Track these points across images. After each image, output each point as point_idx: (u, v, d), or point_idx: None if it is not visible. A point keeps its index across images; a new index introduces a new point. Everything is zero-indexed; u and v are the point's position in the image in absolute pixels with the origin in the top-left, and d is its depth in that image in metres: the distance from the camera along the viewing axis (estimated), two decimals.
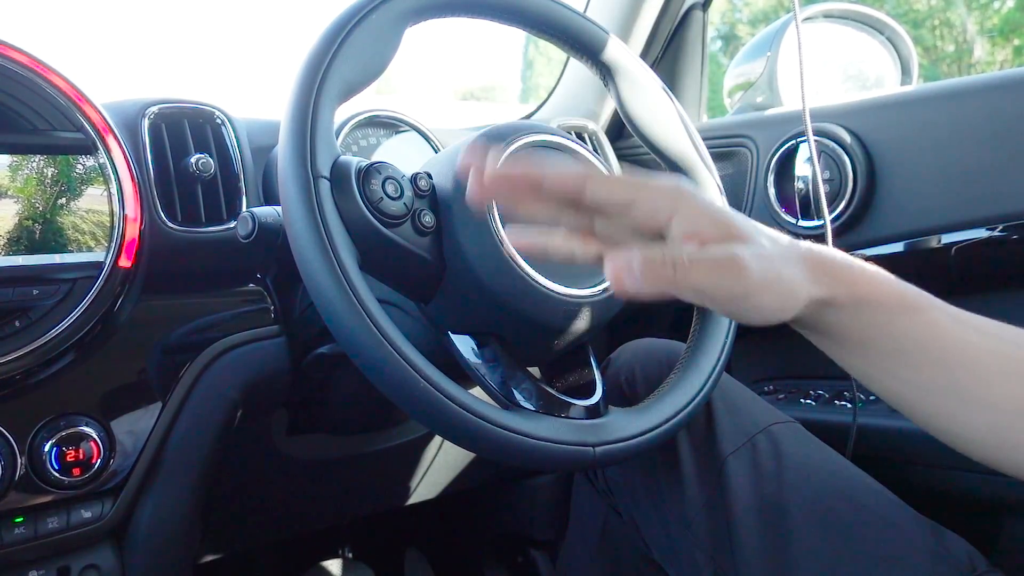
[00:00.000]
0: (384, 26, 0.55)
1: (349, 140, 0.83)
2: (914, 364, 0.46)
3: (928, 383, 0.46)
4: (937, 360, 0.45)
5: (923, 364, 0.45)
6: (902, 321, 0.45)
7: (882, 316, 0.45)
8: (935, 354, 0.45)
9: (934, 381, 0.46)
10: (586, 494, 0.82)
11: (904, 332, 0.45)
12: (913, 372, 0.46)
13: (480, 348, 0.56)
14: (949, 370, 0.45)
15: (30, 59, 0.58)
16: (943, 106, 0.82)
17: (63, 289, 0.58)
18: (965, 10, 4.34)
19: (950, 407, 0.46)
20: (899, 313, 0.45)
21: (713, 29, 1.24)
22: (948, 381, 0.45)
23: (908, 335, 0.45)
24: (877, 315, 0.45)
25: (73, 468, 0.61)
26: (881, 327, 0.45)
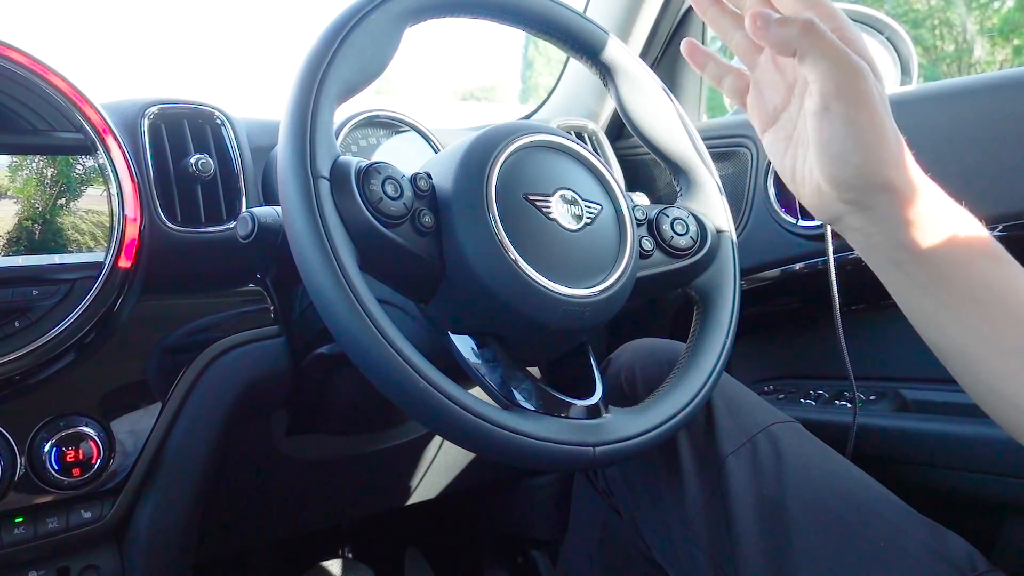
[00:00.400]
0: (384, 26, 0.55)
1: (349, 140, 0.83)
2: (989, 315, 0.44)
3: (996, 336, 0.44)
4: (1011, 314, 0.44)
5: (998, 317, 0.44)
6: (981, 266, 0.44)
7: (964, 253, 0.44)
8: (1011, 307, 0.44)
9: (1004, 336, 0.44)
10: (586, 494, 0.82)
11: (982, 279, 0.44)
12: (983, 321, 0.44)
13: (480, 348, 0.56)
14: (1022, 327, 0.43)
15: (30, 59, 0.58)
16: (943, 106, 0.82)
17: (63, 289, 0.58)
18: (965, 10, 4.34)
19: (1013, 369, 0.44)
20: (980, 255, 0.44)
21: None
22: (1020, 339, 0.43)
23: (986, 283, 0.44)
24: (959, 250, 0.44)
25: (73, 468, 0.61)
26: (962, 264, 0.44)
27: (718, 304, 0.67)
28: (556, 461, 0.52)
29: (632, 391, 0.72)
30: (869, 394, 0.89)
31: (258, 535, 1.00)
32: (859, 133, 0.44)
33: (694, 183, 0.70)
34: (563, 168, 0.59)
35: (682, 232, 0.66)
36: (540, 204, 0.56)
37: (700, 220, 0.68)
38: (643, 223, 0.65)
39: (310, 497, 0.96)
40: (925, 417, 0.83)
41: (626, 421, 0.56)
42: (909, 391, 0.88)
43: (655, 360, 0.73)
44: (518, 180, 0.56)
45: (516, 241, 0.54)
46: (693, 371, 0.62)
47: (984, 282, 0.44)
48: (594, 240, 0.58)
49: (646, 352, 0.75)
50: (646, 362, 0.73)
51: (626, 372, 0.74)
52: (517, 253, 0.53)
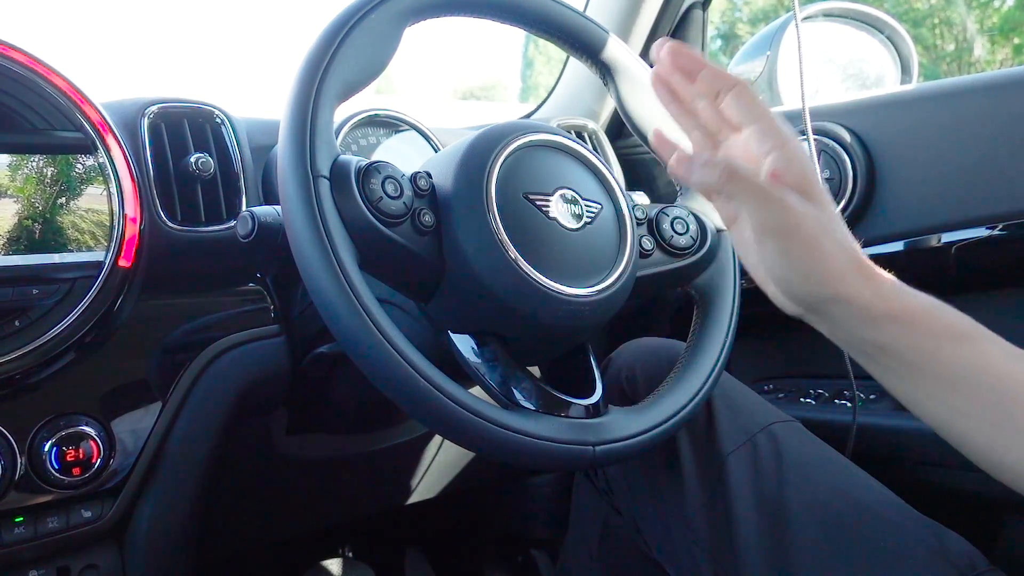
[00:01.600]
0: (384, 25, 0.55)
1: (349, 139, 0.83)
2: (964, 393, 0.45)
3: (979, 413, 0.45)
4: (990, 390, 0.44)
5: (975, 394, 0.45)
6: (951, 348, 0.45)
7: (929, 341, 0.45)
8: (988, 384, 0.44)
9: (986, 412, 0.45)
10: (586, 493, 0.82)
11: (953, 359, 0.45)
12: (963, 401, 0.45)
13: (480, 347, 0.56)
14: (1003, 402, 0.44)
15: (30, 59, 0.58)
16: (943, 105, 0.82)
17: (63, 289, 0.58)
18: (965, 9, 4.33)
19: (1005, 440, 0.45)
20: (947, 340, 0.45)
21: (713, 28, 1.24)
22: (1002, 414, 0.44)
23: (958, 363, 0.45)
24: (924, 339, 0.45)
25: (73, 468, 0.61)
26: (929, 352, 0.45)
27: (718, 303, 0.67)
28: (556, 460, 0.52)
29: (633, 390, 0.72)
30: (869, 393, 0.89)
31: (258, 535, 1.00)
32: (794, 261, 0.45)
33: None
34: (563, 167, 0.59)
35: (682, 231, 0.66)
36: (540, 203, 0.56)
37: (700, 219, 0.68)
38: (643, 222, 0.65)
39: (310, 497, 0.96)
40: None
41: (626, 420, 0.56)
42: None
43: (656, 359, 0.73)
44: (518, 179, 0.56)
45: (516, 240, 0.54)
46: (693, 370, 0.62)
47: (955, 365, 0.45)
48: (594, 239, 0.58)
49: (647, 351, 0.75)
50: (647, 361, 0.73)
51: (627, 371, 0.74)
52: (517, 252, 0.53)
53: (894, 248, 0.84)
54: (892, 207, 0.84)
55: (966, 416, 0.46)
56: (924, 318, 0.45)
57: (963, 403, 0.45)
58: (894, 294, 0.46)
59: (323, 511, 1.02)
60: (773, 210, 0.44)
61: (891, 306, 0.45)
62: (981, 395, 0.45)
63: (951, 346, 0.45)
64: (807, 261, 0.45)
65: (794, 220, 0.44)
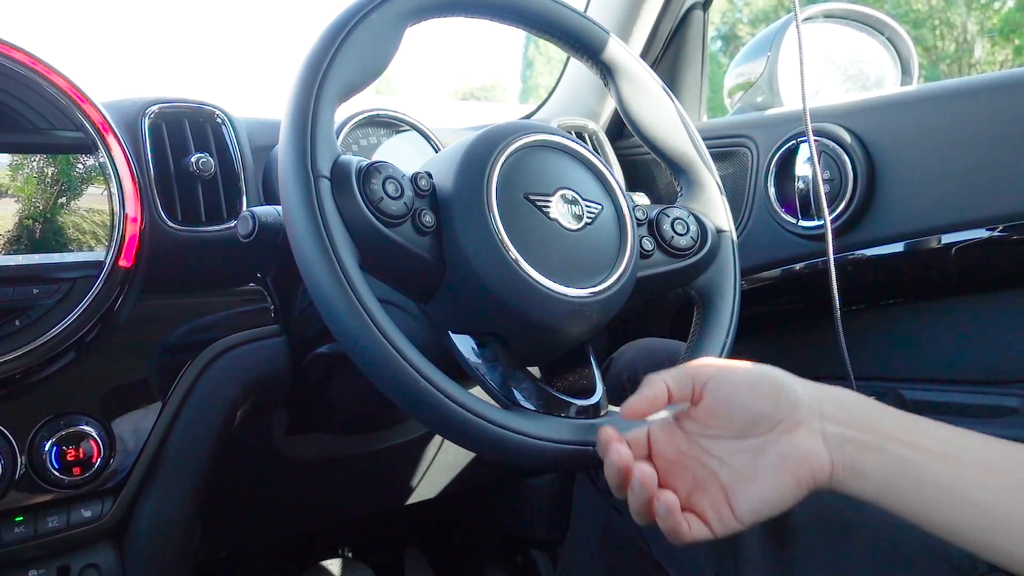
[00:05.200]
0: (384, 26, 0.55)
1: (349, 140, 0.83)
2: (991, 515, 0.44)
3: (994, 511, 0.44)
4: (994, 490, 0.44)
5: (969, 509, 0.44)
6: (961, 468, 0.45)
7: (952, 466, 0.45)
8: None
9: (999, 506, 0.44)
10: (587, 493, 0.82)
11: (975, 483, 0.45)
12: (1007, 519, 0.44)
13: (480, 348, 0.56)
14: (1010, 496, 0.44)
15: (30, 58, 0.58)
16: (943, 106, 0.82)
17: (63, 288, 0.58)
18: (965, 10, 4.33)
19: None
20: (965, 463, 0.45)
21: (713, 29, 1.24)
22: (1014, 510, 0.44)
23: (980, 487, 0.45)
24: (947, 465, 0.45)
25: (73, 467, 0.61)
26: (958, 477, 0.45)
27: (718, 304, 0.67)
28: (556, 460, 0.52)
29: (634, 391, 0.72)
30: (869, 394, 0.89)
31: (258, 535, 1.00)
32: (742, 371, 0.49)
33: (694, 183, 0.70)
34: (563, 168, 0.59)
35: (682, 232, 0.66)
36: (541, 204, 0.56)
37: (700, 220, 0.68)
38: (643, 223, 0.65)
39: (310, 496, 0.96)
40: (925, 418, 0.83)
41: (626, 421, 0.56)
42: (909, 391, 0.88)
43: (657, 360, 0.73)
44: (519, 180, 0.56)
45: (516, 241, 0.54)
46: None
47: (937, 433, 0.47)
48: (594, 240, 0.58)
49: (649, 352, 0.75)
50: (648, 362, 0.73)
51: (628, 372, 0.74)
52: (517, 253, 0.53)
53: (894, 249, 0.84)
54: (892, 208, 0.84)
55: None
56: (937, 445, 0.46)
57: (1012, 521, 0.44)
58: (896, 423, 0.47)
59: (323, 511, 1.02)
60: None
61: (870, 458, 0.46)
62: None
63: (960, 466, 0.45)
64: (757, 371, 0.48)
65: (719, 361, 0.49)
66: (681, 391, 0.49)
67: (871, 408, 0.48)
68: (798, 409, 0.47)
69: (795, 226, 0.91)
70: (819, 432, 0.47)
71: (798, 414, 0.47)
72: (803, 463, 0.46)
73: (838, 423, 0.47)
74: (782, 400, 0.47)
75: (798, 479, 0.47)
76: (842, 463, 0.47)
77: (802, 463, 0.46)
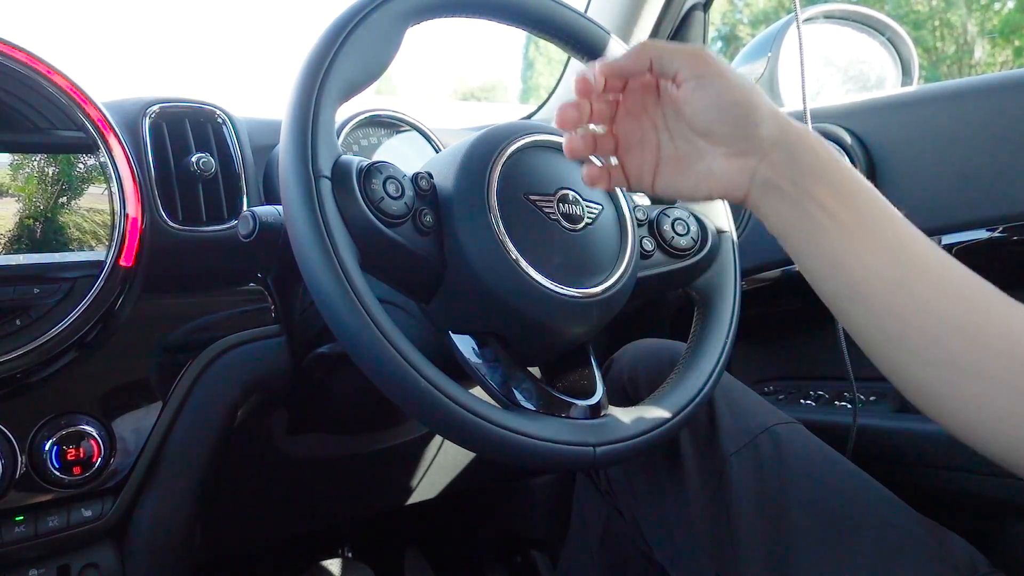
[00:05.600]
0: (385, 26, 0.55)
1: (350, 140, 0.83)
2: (872, 245, 0.47)
3: (883, 269, 0.47)
4: (892, 243, 0.47)
5: (880, 247, 0.47)
6: (866, 197, 0.48)
7: (847, 185, 0.48)
8: (890, 238, 0.47)
9: (885, 270, 0.47)
10: (588, 494, 0.82)
11: (870, 210, 0.47)
12: (871, 254, 0.47)
13: (481, 348, 0.56)
14: (901, 264, 0.46)
15: (31, 58, 0.58)
16: (944, 107, 0.82)
17: (64, 288, 0.58)
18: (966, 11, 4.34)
19: (899, 302, 0.47)
20: (861, 191, 0.48)
21: (714, 30, 1.24)
22: (901, 273, 0.46)
23: (870, 217, 0.47)
24: (843, 183, 0.48)
25: (73, 467, 0.61)
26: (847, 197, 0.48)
27: (718, 305, 0.67)
28: (556, 461, 0.52)
29: (635, 392, 0.72)
30: (869, 395, 0.89)
31: (258, 535, 1.00)
32: (730, 88, 0.48)
33: None
34: (564, 168, 0.59)
35: (683, 232, 0.66)
36: (541, 204, 0.56)
37: (701, 220, 0.68)
38: (644, 223, 0.65)
39: (310, 496, 0.96)
40: (925, 418, 0.83)
41: (626, 421, 0.56)
42: None
43: (658, 361, 0.73)
44: (519, 180, 0.56)
45: (517, 241, 0.54)
46: (693, 371, 0.62)
47: (868, 215, 0.48)
48: (595, 240, 0.58)
49: (649, 353, 0.75)
50: (649, 363, 0.73)
51: (629, 373, 0.74)
52: (518, 253, 0.53)
53: None
54: None
55: (871, 271, 0.47)
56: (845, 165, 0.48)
57: (871, 259, 0.47)
58: (817, 142, 0.49)
59: (323, 511, 1.02)
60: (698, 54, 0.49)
61: (820, 149, 0.48)
62: (882, 247, 0.47)
63: (865, 196, 0.48)
64: (743, 94, 0.48)
65: (724, 65, 0.49)
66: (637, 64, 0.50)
67: (818, 164, 0.48)
68: (749, 142, 0.49)
69: None
70: (752, 171, 0.49)
71: (746, 146, 0.49)
72: (722, 186, 0.51)
73: (774, 170, 0.49)
74: (742, 128, 0.49)
75: (711, 193, 0.52)
76: (757, 201, 0.50)
77: (722, 185, 0.50)
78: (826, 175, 0.48)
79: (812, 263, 0.49)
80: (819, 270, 0.49)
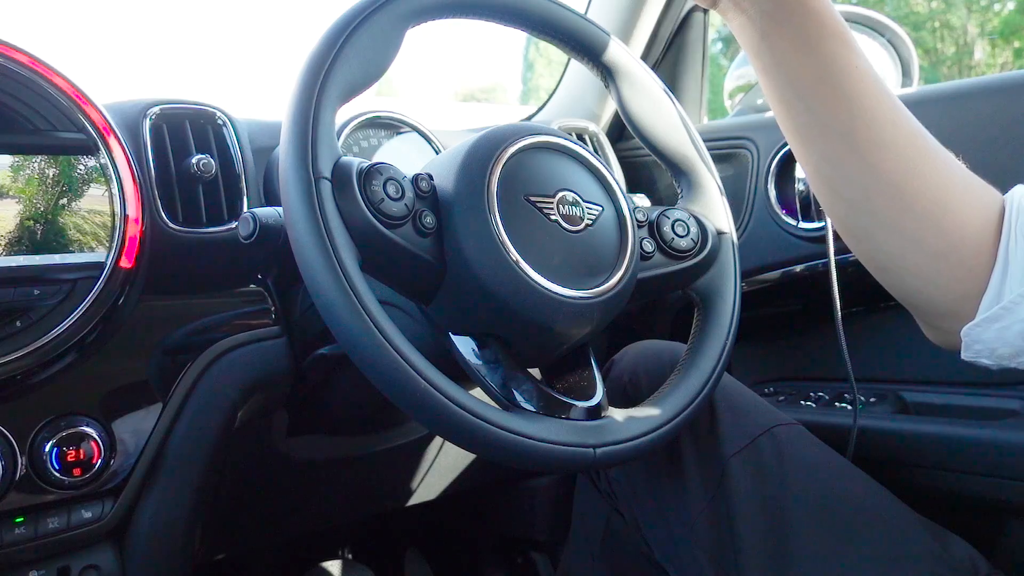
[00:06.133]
0: (385, 27, 0.55)
1: (350, 141, 0.83)
2: (825, 97, 0.50)
3: (828, 120, 0.50)
4: (846, 101, 0.50)
5: (831, 98, 0.50)
6: (830, 48, 0.50)
7: (812, 33, 0.50)
8: (846, 91, 0.49)
9: (834, 121, 0.50)
10: (588, 495, 0.82)
11: (827, 60, 0.50)
12: (820, 103, 0.51)
13: (481, 349, 0.56)
14: (852, 116, 0.49)
15: (31, 59, 0.58)
16: (943, 108, 0.82)
17: (64, 289, 0.58)
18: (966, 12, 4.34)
19: (838, 153, 0.51)
20: (828, 38, 0.50)
21: (714, 31, 1.25)
22: (848, 127, 0.49)
23: (829, 66, 0.50)
24: (807, 30, 0.50)
25: (74, 468, 0.61)
26: (809, 46, 0.50)
27: (719, 306, 0.67)
28: (557, 462, 0.52)
29: (636, 393, 0.72)
30: (869, 396, 0.89)
31: (258, 535, 1.00)
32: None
33: (695, 184, 0.70)
34: (564, 169, 0.59)
35: (683, 234, 0.66)
36: (541, 205, 0.56)
37: (701, 222, 0.68)
38: (644, 225, 0.65)
39: (310, 497, 0.96)
40: (925, 419, 0.83)
41: (626, 422, 0.56)
42: (909, 393, 0.88)
43: (659, 362, 0.73)
44: (519, 181, 0.56)
45: (517, 242, 0.54)
46: (693, 373, 0.62)
47: (827, 61, 0.50)
48: (595, 241, 0.58)
49: (650, 354, 0.75)
50: (650, 364, 0.73)
51: (630, 374, 0.74)
52: (518, 254, 0.53)
53: None
54: None
55: (816, 118, 0.51)
56: (820, 8, 0.50)
57: (819, 104, 0.51)
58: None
59: (323, 512, 1.02)
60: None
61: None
62: (835, 99, 0.50)
63: (832, 42, 0.50)
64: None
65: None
66: None
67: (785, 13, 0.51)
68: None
69: (796, 228, 0.91)
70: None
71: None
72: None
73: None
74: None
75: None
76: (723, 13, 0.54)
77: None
78: (792, 26, 0.51)
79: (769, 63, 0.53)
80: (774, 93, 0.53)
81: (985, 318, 0.50)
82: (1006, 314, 0.49)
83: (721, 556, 0.64)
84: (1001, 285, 0.49)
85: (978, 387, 0.82)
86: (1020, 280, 0.48)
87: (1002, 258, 0.49)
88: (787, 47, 0.51)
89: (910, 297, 0.53)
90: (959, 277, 0.51)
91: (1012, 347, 0.50)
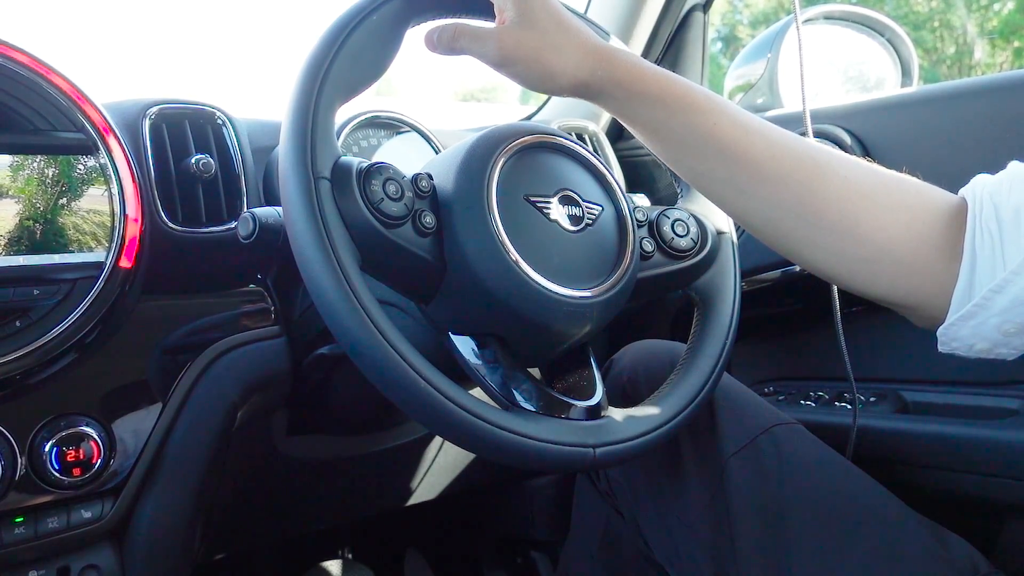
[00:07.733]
0: (385, 27, 0.55)
1: (350, 141, 0.83)
2: (698, 155, 0.54)
3: (709, 172, 0.55)
4: (717, 154, 0.53)
5: (705, 156, 0.54)
6: (683, 118, 0.53)
7: (661, 111, 0.54)
8: (714, 149, 0.53)
9: (715, 172, 0.54)
10: (588, 495, 0.82)
11: (685, 128, 0.54)
12: (697, 161, 0.55)
13: (480, 349, 0.56)
14: (728, 165, 0.53)
15: (31, 59, 0.58)
16: (944, 108, 0.82)
17: (64, 289, 0.58)
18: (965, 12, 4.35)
19: (730, 196, 0.55)
20: (680, 111, 0.53)
21: (713, 30, 1.25)
22: (728, 174, 0.54)
23: (689, 131, 0.54)
24: (657, 110, 0.54)
25: (73, 468, 0.61)
26: (664, 121, 0.54)
27: (718, 305, 0.67)
28: (556, 462, 0.52)
29: (635, 393, 0.72)
30: (869, 396, 0.89)
31: (258, 535, 1.00)
32: (519, 78, 0.55)
33: None
34: (564, 169, 0.59)
35: (683, 233, 0.66)
36: (541, 205, 0.56)
37: (701, 221, 0.68)
38: (644, 224, 0.65)
39: (310, 497, 0.96)
40: (925, 419, 0.83)
41: (626, 422, 0.56)
42: (909, 393, 0.88)
43: (658, 362, 0.73)
44: (519, 181, 0.56)
45: (517, 242, 0.54)
46: (693, 372, 0.62)
47: (687, 131, 0.54)
48: (595, 241, 0.58)
49: (649, 354, 0.75)
50: (649, 364, 0.73)
51: (629, 374, 0.74)
52: (518, 254, 0.53)
53: None
54: None
55: (698, 174, 0.56)
56: (654, 92, 0.54)
57: (696, 163, 0.55)
58: (622, 76, 0.54)
59: (323, 512, 1.02)
60: (484, 47, 0.55)
61: (613, 88, 0.54)
62: (710, 159, 0.54)
63: (683, 116, 0.53)
64: (531, 75, 0.55)
65: (506, 52, 0.54)
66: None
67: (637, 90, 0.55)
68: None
69: None
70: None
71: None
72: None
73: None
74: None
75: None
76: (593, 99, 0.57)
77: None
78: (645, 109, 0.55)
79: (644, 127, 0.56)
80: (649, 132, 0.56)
81: (960, 316, 0.50)
82: (980, 311, 0.49)
83: (720, 556, 0.64)
84: (970, 280, 0.49)
85: (978, 387, 0.82)
86: (990, 275, 0.48)
87: (968, 253, 0.50)
88: (647, 125, 0.55)
89: (877, 300, 0.55)
90: (909, 276, 0.52)
91: (989, 341, 0.50)
